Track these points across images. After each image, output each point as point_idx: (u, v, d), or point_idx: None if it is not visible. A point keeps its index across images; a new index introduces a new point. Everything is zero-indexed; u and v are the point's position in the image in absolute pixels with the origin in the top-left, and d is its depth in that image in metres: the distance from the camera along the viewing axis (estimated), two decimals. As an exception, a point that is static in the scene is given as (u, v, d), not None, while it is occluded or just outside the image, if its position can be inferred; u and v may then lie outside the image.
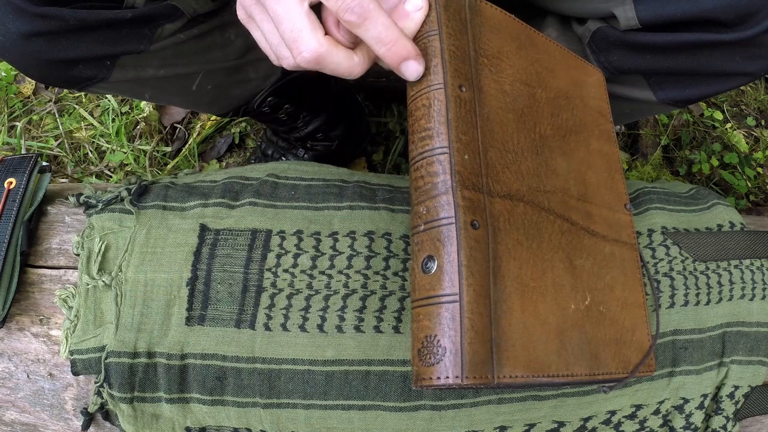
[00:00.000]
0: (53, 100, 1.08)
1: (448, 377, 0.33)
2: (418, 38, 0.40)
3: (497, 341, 0.35)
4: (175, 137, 1.07)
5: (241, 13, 0.41)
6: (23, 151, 1.03)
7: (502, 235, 0.38)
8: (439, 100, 0.38)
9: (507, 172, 0.40)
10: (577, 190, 0.45)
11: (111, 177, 1.02)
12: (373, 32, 0.37)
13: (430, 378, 0.33)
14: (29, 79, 1.10)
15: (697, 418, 0.53)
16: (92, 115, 1.07)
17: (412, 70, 0.38)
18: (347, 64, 0.38)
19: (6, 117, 1.06)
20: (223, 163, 1.05)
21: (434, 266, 0.35)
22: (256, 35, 0.41)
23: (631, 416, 0.52)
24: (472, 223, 0.36)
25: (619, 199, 0.49)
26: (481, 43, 0.42)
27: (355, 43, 0.40)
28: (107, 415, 0.50)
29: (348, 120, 0.95)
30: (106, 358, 0.48)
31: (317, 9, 0.38)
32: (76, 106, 1.07)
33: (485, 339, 0.34)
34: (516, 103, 0.43)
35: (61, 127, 1.05)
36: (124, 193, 0.53)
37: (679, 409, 0.52)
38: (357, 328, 0.48)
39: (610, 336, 0.43)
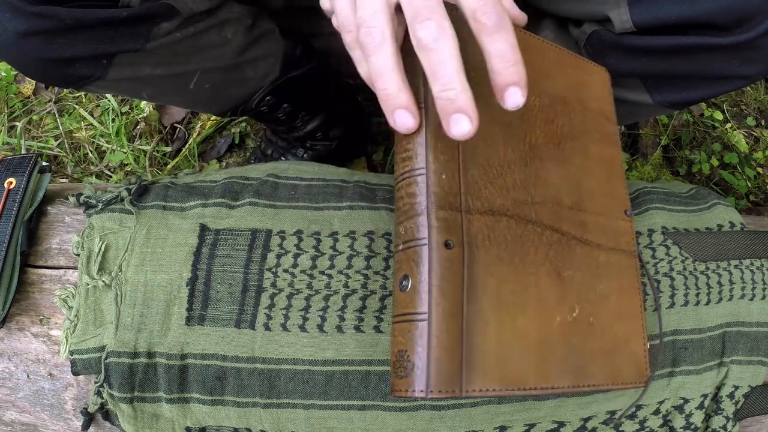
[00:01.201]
0: (53, 100, 1.08)
1: (414, 390, 0.34)
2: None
3: (468, 357, 0.36)
4: (175, 137, 1.07)
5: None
6: (23, 151, 1.03)
7: (481, 253, 0.38)
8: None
9: (490, 188, 0.40)
10: (571, 199, 0.45)
11: (111, 177, 1.02)
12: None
13: (402, 390, 0.35)
14: (29, 79, 1.10)
15: (697, 418, 0.53)
16: (92, 115, 1.07)
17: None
18: None
19: (6, 117, 1.06)
20: (223, 163, 1.05)
21: (409, 285, 0.36)
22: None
23: (631, 416, 0.52)
24: (446, 243, 0.36)
25: (619, 205, 0.49)
26: (467, 55, 0.41)
27: None
28: (107, 415, 0.50)
29: (347, 120, 0.95)
30: (106, 358, 0.48)
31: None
32: (76, 106, 1.07)
33: (454, 356, 0.35)
34: (504, 116, 0.42)
35: (61, 127, 1.05)
36: (124, 193, 0.53)
37: (679, 409, 0.52)
38: (357, 328, 0.48)
39: (600, 347, 0.43)
